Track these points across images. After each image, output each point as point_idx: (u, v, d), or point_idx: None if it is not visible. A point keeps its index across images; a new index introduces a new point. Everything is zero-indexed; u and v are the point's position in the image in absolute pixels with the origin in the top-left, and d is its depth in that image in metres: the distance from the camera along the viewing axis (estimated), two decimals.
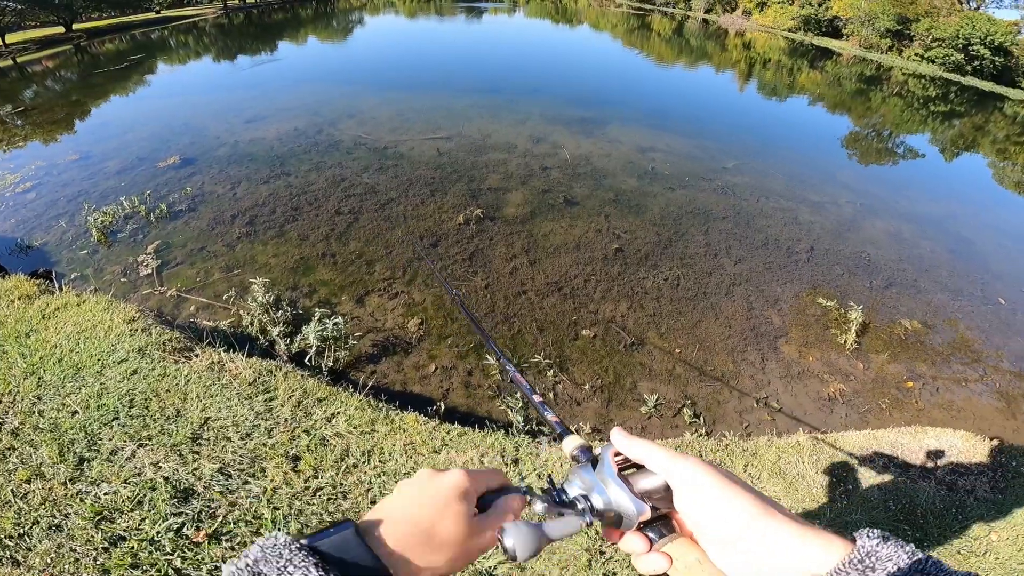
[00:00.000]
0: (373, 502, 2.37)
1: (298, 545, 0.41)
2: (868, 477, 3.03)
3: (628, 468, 0.54)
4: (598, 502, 0.52)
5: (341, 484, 2.44)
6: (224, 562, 2.03)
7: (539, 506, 0.53)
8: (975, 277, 6.60)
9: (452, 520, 0.50)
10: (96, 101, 12.39)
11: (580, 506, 0.52)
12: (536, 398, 0.70)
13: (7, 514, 2.23)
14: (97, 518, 2.22)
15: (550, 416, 0.66)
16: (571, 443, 0.61)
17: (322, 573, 0.39)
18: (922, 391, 4.66)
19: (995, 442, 3.72)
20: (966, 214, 8.80)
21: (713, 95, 16.84)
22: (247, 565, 0.40)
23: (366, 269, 5.48)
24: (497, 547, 0.51)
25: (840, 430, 3.94)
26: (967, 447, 3.54)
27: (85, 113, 11.35)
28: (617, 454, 0.55)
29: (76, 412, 2.83)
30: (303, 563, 0.39)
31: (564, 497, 0.54)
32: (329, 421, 2.86)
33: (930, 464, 3.30)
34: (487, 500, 0.55)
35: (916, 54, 28.01)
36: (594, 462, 0.56)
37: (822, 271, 6.25)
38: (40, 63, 18.49)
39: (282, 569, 0.39)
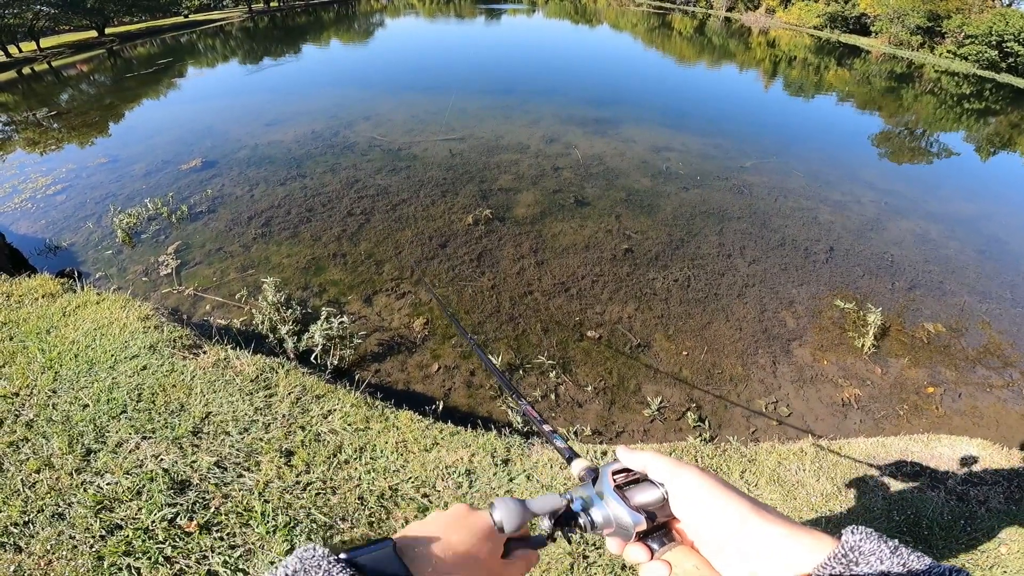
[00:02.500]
0: (361, 498, 2.40)
1: (336, 558, 0.41)
2: (873, 486, 2.93)
3: (626, 484, 0.57)
4: (597, 516, 0.56)
5: (331, 479, 2.48)
6: (212, 552, 2.09)
7: (545, 523, 0.57)
8: (1005, 279, 6.32)
9: (487, 555, 0.53)
10: (127, 105, 12.88)
11: (581, 520, 0.56)
12: (546, 428, 0.74)
13: (15, 502, 2.33)
14: (98, 507, 2.30)
15: (559, 443, 0.70)
16: (578, 465, 0.65)
17: None
18: (944, 397, 4.49)
19: (1017, 450, 3.55)
20: (1000, 214, 8.44)
21: (735, 94, 16.54)
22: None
23: (375, 269, 5.56)
24: None
25: (852, 436, 3.82)
26: (983, 455, 3.39)
27: (117, 116, 11.81)
28: (616, 472, 0.58)
29: (87, 405, 2.95)
30: None
31: (567, 512, 0.58)
32: (325, 418, 2.91)
33: (941, 473, 3.17)
34: (509, 546, 0.59)
35: (949, 51, 27.03)
36: (595, 480, 0.60)
37: (841, 272, 6.08)
38: (75, 67, 19.31)
39: None
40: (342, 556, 0.42)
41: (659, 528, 0.55)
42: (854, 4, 33.07)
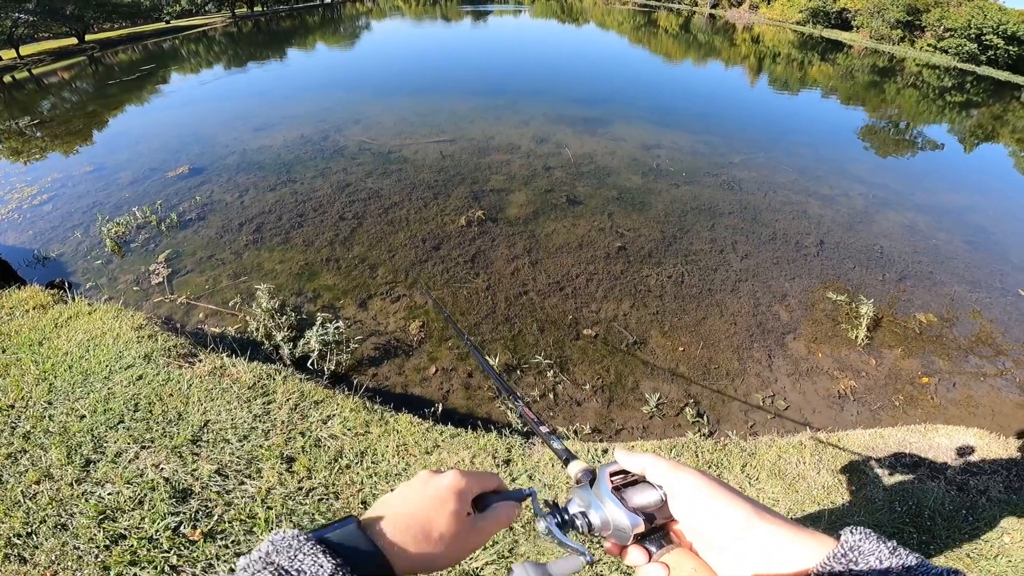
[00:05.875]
0: (364, 503, 2.39)
1: (305, 536, 0.44)
2: (873, 478, 2.96)
3: (624, 486, 0.57)
4: (595, 518, 0.56)
5: (333, 484, 2.47)
6: (217, 560, 2.07)
7: (541, 525, 0.57)
8: (994, 268, 6.42)
9: (447, 517, 0.54)
10: (110, 112, 12.72)
11: (579, 523, 0.56)
12: (543, 429, 0.74)
13: (17, 514, 2.30)
14: (100, 517, 2.28)
15: (556, 445, 0.70)
16: (575, 467, 0.65)
17: (329, 557, 0.43)
18: (938, 387, 4.54)
19: (1014, 439, 3.60)
20: (985, 205, 8.57)
21: (721, 91, 16.66)
22: (259, 557, 0.43)
23: (369, 273, 5.53)
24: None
25: (850, 428, 3.86)
26: (981, 445, 3.44)
27: (100, 124, 11.65)
28: (614, 474, 0.58)
29: (84, 416, 2.91)
30: (312, 551, 0.43)
31: (565, 516, 0.58)
32: (325, 423, 2.90)
33: (940, 463, 3.22)
34: (487, 501, 0.60)
35: (929, 44, 27.48)
36: (593, 482, 0.59)
37: (832, 265, 6.14)
38: (56, 74, 19.04)
39: (292, 557, 0.43)
40: (309, 535, 0.45)
41: (657, 530, 0.55)
42: None
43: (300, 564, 0.42)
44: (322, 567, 0.42)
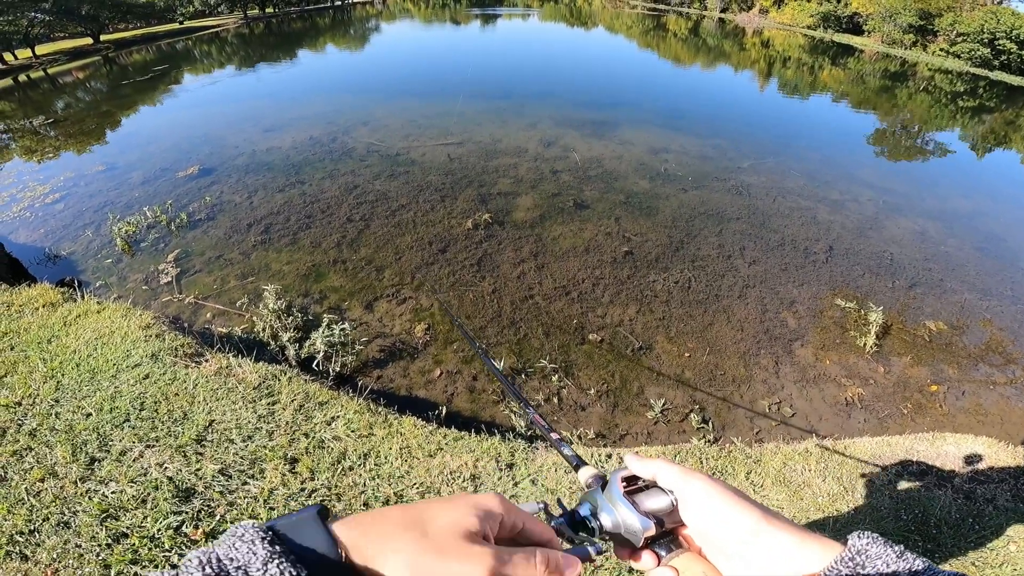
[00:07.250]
0: (366, 504, 2.39)
1: (253, 524, 0.41)
2: (879, 486, 2.92)
3: (635, 491, 0.57)
4: (606, 521, 0.55)
5: (336, 486, 2.47)
6: None
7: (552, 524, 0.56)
8: (1005, 275, 6.34)
9: (443, 515, 0.44)
10: (124, 112, 12.89)
11: (590, 524, 0.56)
12: (554, 436, 0.74)
13: (20, 511, 2.32)
14: (103, 515, 2.29)
15: (567, 451, 0.70)
16: (585, 472, 0.65)
17: (266, 544, 0.39)
18: (947, 395, 4.49)
19: (1023, 447, 3.55)
20: (997, 211, 8.47)
21: (730, 95, 16.60)
22: (206, 551, 0.40)
23: (375, 275, 5.55)
24: None
25: (857, 436, 3.82)
26: (989, 453, 3.39)
27: (114, 124, 11.81)
28: (625, 479, 0.58)
29: (90, 414, 2.94)
30: (251, 537, 0.40)
31: (575, 517, 0.57)
32: (329, 424, 2.90)
33: (948, 472, 3.17)
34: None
35: (941, 49, 27.25)
36: (604, 487, 0.59)
37: (841, 272, 6.09)
38: (71, 74, 19.33)
39: (231, 546, 0.39)
40: (259, 524, 0.42)
41: (666, 534, 0.55)
42: (846, 3, 33.28)
43: (234, 552, 0.39)
44: (255, 554, 0.38)
